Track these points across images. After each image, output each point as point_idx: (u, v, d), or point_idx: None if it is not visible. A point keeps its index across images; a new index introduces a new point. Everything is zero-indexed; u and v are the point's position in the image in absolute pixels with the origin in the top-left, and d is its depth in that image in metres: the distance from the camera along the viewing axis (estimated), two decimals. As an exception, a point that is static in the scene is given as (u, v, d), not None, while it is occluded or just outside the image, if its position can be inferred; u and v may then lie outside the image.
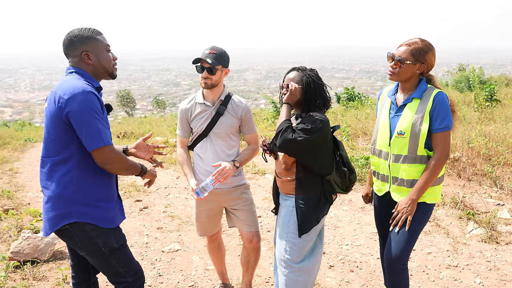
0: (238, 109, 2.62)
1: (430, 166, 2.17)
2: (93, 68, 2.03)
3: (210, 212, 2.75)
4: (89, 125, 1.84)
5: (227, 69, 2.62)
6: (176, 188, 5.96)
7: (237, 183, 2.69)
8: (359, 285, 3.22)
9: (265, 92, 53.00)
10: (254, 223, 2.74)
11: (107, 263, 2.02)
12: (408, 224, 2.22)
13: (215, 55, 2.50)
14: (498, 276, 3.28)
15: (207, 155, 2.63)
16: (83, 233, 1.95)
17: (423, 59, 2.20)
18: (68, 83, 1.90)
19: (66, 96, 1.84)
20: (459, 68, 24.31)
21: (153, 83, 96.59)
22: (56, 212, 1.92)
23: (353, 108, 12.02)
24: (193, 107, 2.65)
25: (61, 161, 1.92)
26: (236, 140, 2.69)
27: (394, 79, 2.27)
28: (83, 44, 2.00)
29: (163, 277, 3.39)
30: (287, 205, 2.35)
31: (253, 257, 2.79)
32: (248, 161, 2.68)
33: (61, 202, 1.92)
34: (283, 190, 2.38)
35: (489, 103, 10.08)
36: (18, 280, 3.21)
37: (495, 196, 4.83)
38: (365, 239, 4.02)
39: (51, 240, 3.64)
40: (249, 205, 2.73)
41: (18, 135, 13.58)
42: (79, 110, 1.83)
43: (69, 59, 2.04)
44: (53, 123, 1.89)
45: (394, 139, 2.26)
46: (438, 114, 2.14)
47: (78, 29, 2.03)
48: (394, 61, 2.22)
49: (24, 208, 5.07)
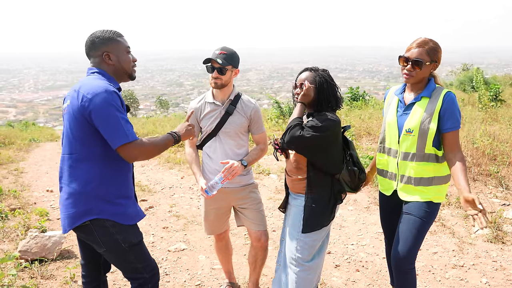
0: (247, 109, 2.64)
1: (461, 164, 2.08)
2: (114, 69, 2.08)
3: (218, 211, 2.77)
4: (113, 123, 1.87)
5: (237, 70, 2.64)
6: (181, 188, 5.99)
7: (245, 182, 2.71)
8: (365, 285, 3.23)
9: (268, 92, 52.96)
10: (262, 222, 2.76)
11: (126, 259, 2.05)
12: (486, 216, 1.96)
13: (226, 55, 2.53)
14: (504, 276, 3.27)
15: (217, 155, 2.64)
16: (103, 230, 1.97)
17: (436, 58, 2.22)
18: (91, 82, 1.94)
19: (90, 95, 1.87)
20: (463, 68, 24.24)
21: (156, 83, 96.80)
22: (77, 209, 1.94)
23: (357, 108, 12.00)
24: (203, 107, 2.67)
25: (84, 158, 1.94)
26: (245, 140, 2.70)
27: (411, 82, 2.26)
28: (104, 45, 2.04)
29: (169, 276, 3.41)
30: (297, 205, 2.36)
31: (260, 256, 2.81)
32: (256, 160, 2.69)
33: (82, 199, 1.94)
34: (293, 189, 2.40)
35: (494, 103, 10.05)
36: (26, 279, 3.24)
37: (501, 196, 4.82)
38: (370, 239, 4.03)
39: (59, 239, 3.67)
40: (257, 204, 2.75)
41: (23, 135, 13.66)
42: (102, 108, 1.86)
43: (91, 60, 2.09)
44: (77, 120, 1.91)
45: (402, 136, 2.27)
46: (451, 115, 2.15)
47: (100, 31, 2.07)
48: (411, 64, 2.21)
49: (31, 207, 5.10)
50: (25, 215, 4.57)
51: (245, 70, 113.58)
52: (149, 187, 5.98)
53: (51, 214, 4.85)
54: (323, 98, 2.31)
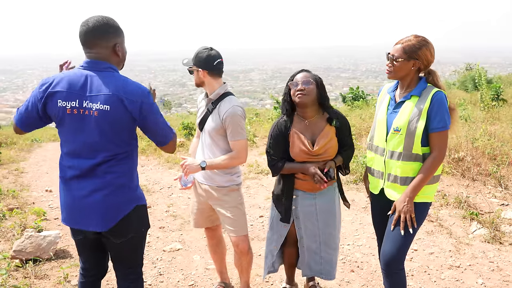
0: (221, 112, 2.52)
1: (427, 164, 2.16)
2: (119, 61, 2.03)
3: (199, 205, 2.83)
4: (161, 123, 2.00)
5: (202, 70, 2.53)
6: (179, 188, 5.97)
7: (220, 183, 2.64)
8: (360, 285, 3.21)
9: (271, 92, 52.82)
10: (238, 228, 2.67)
11: (141, 246, 2.17)
12: (414, 221, 2.19)
13: (192, 56, 2.60)
14: (500, 276, 3.24)
15: (198, 148, 2.76)
16: (140, 215, 2.11)
17: (416, 56, 2.19)
18: (131, 84, 1.93)
19: (138, 100, 1.90)
20: (466, 68, 24.08)
21: (159, 84, 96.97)
22: (120, 199, 2.00)
23: (358, 108, 11.96)
24: (200, 100, 2.78)
25: (120, 157, 1.97)
26: (220, 143, 2.58)
27: (392, 77, 2.29)
28: (117, 36, 1.96)
29: (163, 276, 3.40)
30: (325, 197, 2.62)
31: (244, 260, 2.78)
32: (221, 167, 2.55)
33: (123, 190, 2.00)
34: (315, 188, 2.53)
35: (496, 102, 9.98)
36: (20, 279, 3.24)
37: (500, 196, 4.78)
38: (366, 239, 4.00)
39: (54, 239, 3.67)
40: (230, 208, 2.64)
41: (25, 135, 13.68)
42: (151, 111, 1.95)
43: (94, 50, 1.92)
44: (119, 124, 1.90)
45: (390, 135, 2.26)
46: (437, 114, 2.13)
47: (104, 17, 1.92)
48: (389, 60, 2.24)
49: (29, 207, 5.11)
50: (22, 214, 4.58)
51: (247, 70, 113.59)
52: (147, 187, 5.98)
53: (49, 214, 4.85)
54: (323, 96, 2.49)
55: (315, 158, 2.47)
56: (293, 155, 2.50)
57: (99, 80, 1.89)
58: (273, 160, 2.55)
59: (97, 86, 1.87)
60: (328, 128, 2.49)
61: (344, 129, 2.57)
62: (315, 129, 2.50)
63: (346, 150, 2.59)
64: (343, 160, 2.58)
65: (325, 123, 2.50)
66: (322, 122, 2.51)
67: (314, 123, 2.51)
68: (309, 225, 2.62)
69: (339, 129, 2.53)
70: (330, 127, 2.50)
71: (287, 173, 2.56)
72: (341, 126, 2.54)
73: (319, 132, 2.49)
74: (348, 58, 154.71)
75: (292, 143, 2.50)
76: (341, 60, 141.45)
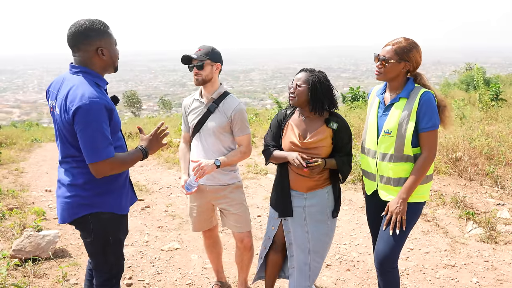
0: (229, 109, 2.62)
1: (418, 165, 2.19)
2: (104, 64, 1.98)
3: (199, 208, 2.81)
4: (90, 139, 1.83)
5: (218, 64, 2.62)
6: (178, 188, 6.01)
7: (225, 181, 2.70)
8: (355, 284, 3.24)
9: (271, 92, 52.92)
10: (244, 224, 2.75)
11: (106, 251, 2.08)
12: (404, 223, 2.24)
13: (202, 51, 2.58)
14: (495, 276, 3.27)
15: (198, 151, 2.70)
16: (100, 221, 2.02)
17: (407, 57, 2.22)
18: (75, 90, 1.86)
19: (73, 106, 1.82)
20: (466, 68, 24.10)
21: (160, 84, 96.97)
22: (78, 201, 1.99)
23: (358, 108, 11.99)
24: (191, 103, 2.75)
25: (83, 160, 1.92)
26: (226, 140, 2.67)
27: (381, 79, 2.30)
28: (99, 39, 1.92)
29: (161, 275, 3.43)
30: (316, 200, 2.55)
31: (246, 256, 2.82)
32: (234, 163, 2.66)
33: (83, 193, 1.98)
34: (312, 188, 2.52)
35: (495, 102, 10.00)
36: (19, 278, 3.27)
37: (496, 196, 4.81)
38: (363, 239, 4.03)
39: (53, 238, 3.70)
40: (237, 205, 2.72)
41: (25, 135, 13.73)
42: (83, 122, 1.81)
43: (78, 53, 1.94)
44: (66, 129, 1.91)
45: (381, 137, 2.28)
46: (425, 114, 2.16)
47: (88, 20, 1.92)
48: (379, 61, 2.25)
49: (28, 207, 5.15)
50: (22, 214, 4.61)
51: (248, 70, 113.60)
52: (146, 187, 6.02)
53: (48, 213, 4.88)
54: (316, 99, 2.38)
55: (303, 152, 2.46)
56: (283, 145, 2.55)
57: (66, 83, 1.94)
58: (266, 147, 2.63)
59: (62, 89, 1.93)
60: (323, 128, 2.49)
61: (342, 134, 2.48)
62: (310, 126, 2.50)
63: (341, 156, 2.48)
64: (337, 166, 2.47)
65: (321, 123, 2.51)
66: (319, 121, 2.51)
67: (311, 120, 2.52)
68: (299, 229, 2.56)
69: (336, 132, 2.46)
70: (326, 128, 2.49)
71: (274, 162, 2.59)
72: (339, 129, 2.46)
73: (313, 130, 2.49)
74: (348, 58, 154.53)
75: (284, 133, 2.55)
76: (342, 60, 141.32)
